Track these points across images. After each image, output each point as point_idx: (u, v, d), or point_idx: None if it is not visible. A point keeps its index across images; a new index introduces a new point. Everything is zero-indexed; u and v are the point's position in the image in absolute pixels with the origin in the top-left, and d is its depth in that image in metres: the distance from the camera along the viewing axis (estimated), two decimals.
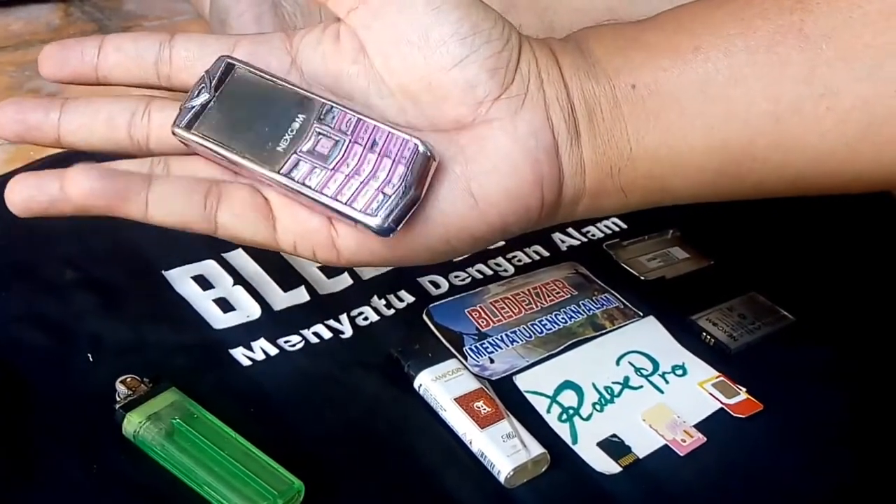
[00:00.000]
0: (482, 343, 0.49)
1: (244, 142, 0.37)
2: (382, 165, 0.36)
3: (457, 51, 0.36)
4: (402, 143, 0.36)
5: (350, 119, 0.37)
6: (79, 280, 0.49)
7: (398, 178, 0.36)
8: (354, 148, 0.36)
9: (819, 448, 0.45)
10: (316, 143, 0.36)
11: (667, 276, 0.55)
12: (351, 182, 0.36)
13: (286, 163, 0.36)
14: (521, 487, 0.41)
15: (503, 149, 0.37)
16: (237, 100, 0.37)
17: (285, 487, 0.38)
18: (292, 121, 0.37)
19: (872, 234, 0.61)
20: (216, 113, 0.37)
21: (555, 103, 0.37)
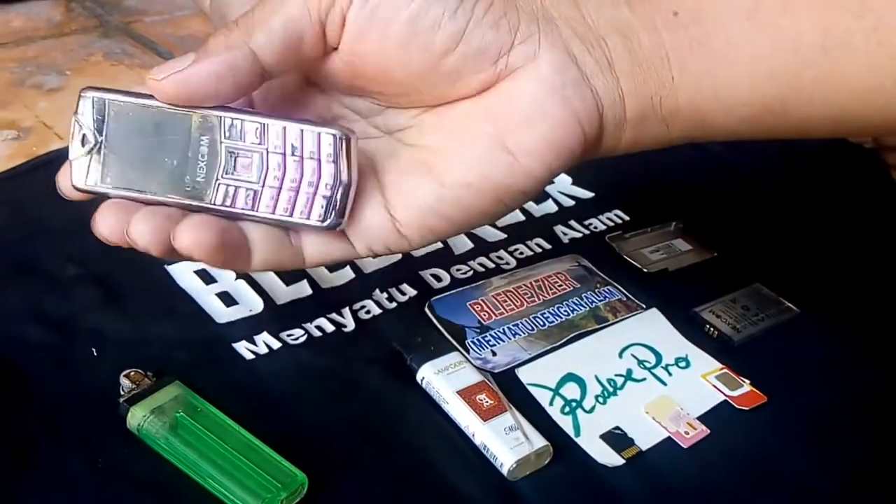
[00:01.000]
0: (484, 336, 0.49)
1: (159, 181, 0.35)
2: (310, 168, 0.35)
3: (454, 27, 0.35)
4: (319, 138, 0.35)
5: (256, 128, 0.35)
6: (81, 275, 0.50)
7: (330, 176, 0.35)
8: (274, 158, 0.35)
9: (823, 440, 0.45)
10: (234, 164, 0.35)
11: (670, 268, 0.55)
12: (284, 194, 0.35)
13: (215, 193, 0.35)
14: (523, 480, 0.41)
15: (529, 96, 0.36)
16: (128, 136, 0.35)
17: (288, 480, 0.38)
18: (198, 145, 0.35)
19: (877, 226, 0.61)
20: (113, 157, 0.35)
21: (572, 36, 0.36)
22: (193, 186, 0.35)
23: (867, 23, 0.34)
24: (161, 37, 0.84)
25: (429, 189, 0.38)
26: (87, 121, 0.35)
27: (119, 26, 0.85)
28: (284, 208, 0.36)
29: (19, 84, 0.73)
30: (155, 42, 0.82)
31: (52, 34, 0.82)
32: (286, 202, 0.36)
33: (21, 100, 0.70)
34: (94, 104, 0.35)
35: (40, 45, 0.80)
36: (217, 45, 0.35)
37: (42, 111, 0.69)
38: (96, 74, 0.75)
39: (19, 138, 0.65)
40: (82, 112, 0.35)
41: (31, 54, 0.78)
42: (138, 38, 0.83)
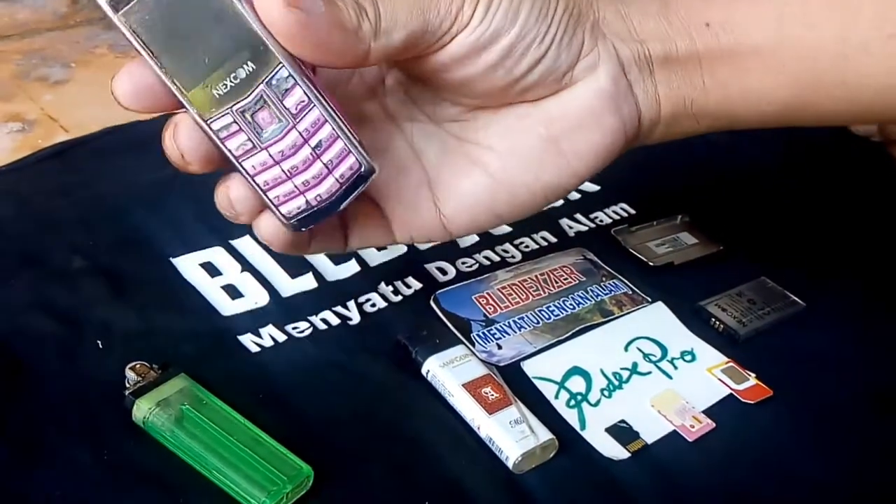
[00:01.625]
0: (490, 329, 0.49)
1: (177, 61, 0.33)
2: (315, 171, 0.35)
3: (539, 53, 0.37)
4: (344, 155, 0.34)
5: (301, 100, 0.34)
6: (87, 268, 0.50)
7: (326, 191, 0.35)
8: (295, 137, 0.34)
9: (828, 434, 0.45)
10: (257, 109, 0.34)
11: (675, 261, 0.55)
12: (277, 169, 0.34)
13: (218, 114, 0.33)
14: (529, 473, 0.41)
15: (587, 104, 0.39)
16: (183, 7, 0.32)
17: (294, 472, 0.38)
18: (239, 64, 0.33)
19: (883, 219, 0.61)
20: (150, 4, 0.32)
21: (624, 47, 0.39)
22: (204, 94, 0.33)
23: (885, 30, 0.37)
24: None
25: (482, 187, 0.40)
26: None
27: None
28: (265, 181, 0.35)
29: (24, 76, 0.73)
30: None
31: (57, 26, 0.82)
32: (271, 178, 0.35)
33: (26, 92, 0.70)
34: None
35: (45, 37, 0.80)
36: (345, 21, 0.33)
37: (47, 104, 0.69)
38: (102, 67, 0.75)
39: (24, 131, 0.65)
40: None
41: (36, 46, 0.78)
42: None
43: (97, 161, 0.60)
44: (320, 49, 0.33)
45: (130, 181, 0.57)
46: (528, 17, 0.36)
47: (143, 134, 0.62)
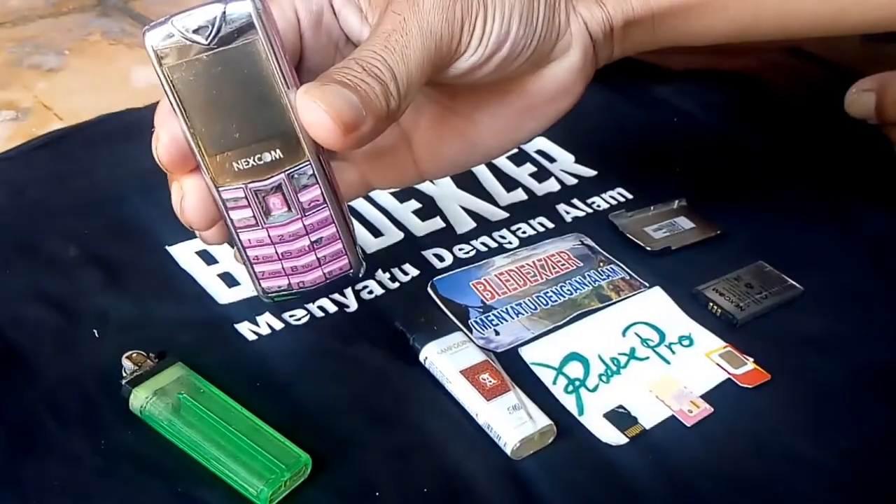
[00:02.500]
0: (487, 315, 0.48)
1: (207, 125, 0.33)
2: (307, 261, 0.35)
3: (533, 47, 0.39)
4: (339, 255, 0.35)
5: (316, 199, 0.35)
6: (82, 256, 0.49)
7: (310, 281, 0.36)
8: (298, 227, 0.35)
9: (826, 418, 0.45)
10: (271, 192, 0.34)
11: (673, 246, 0.55)
12: (271, 249, 0.35)
13: (231, 186, 0.34)
14: (527, 459, 0.41)
15: (561, 79, 0.41)
16: (231, 70, 0.32)
17: (292, 461, 0.38)
18: (267, 148, 0.33)
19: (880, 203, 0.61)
20: (199, 65, 0.32)
21: (592, 21, 0.41)
22: (224, 162, 0.34)
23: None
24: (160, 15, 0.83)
25: (459, 152, 0.43)
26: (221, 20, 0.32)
27: (117, 5, 0.85)
28: (256, 256, 0.36)
29: (17, 64, 0.72)
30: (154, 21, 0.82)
31: (49, 14, 0.82)
32: (263, 255, 0.36)
33: (20, 80, 0.70)
34: (243, 17, 0.32)
35: (38, 24, 0.79)
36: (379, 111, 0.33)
37: (41, 91, 0.69)
38: (95, 54, 0.75)
39: (18, 119, 0.65)
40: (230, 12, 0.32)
41: (29, 34, 0.77)
42: (137, 17, 0.82)
43: (92, 149, 0.59)
44: (360, 142, 0.34)
45: (125, 169, 0.57)
46: (518, 29, 0.38)
47: (137, 121, 0.62)
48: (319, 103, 0.32)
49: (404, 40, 0.34)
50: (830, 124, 0.66)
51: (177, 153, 0.34)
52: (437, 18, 0.35)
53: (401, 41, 0.34)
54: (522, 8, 0.38)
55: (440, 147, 0.43)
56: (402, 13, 0.35)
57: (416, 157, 0.43)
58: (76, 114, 0.64)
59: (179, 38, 0.32)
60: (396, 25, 0.35)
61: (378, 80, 0.33)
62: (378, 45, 0.34)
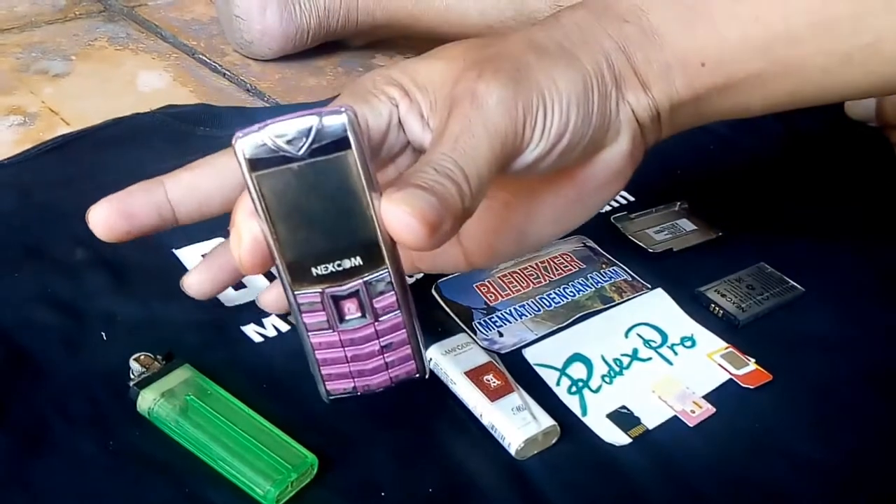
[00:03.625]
0: (491, 317, 0.49)
1: (291, 232, 0.33)
2: (374, 366, 0.36)
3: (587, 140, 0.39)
4: (407, 360, 0.36)
5: (391, 305, 0.35)
6: (90, 259, 0.50)
7: (376, 384, 0.37)
8: (370, 332, 0.35)
9: (828, 418, 0.45)
10: (346, 298, 0.34)
11: (675, 247, 0.55)
12: (340, 352, 0.36)
13: (308, 291, 0.34)
14: (531, 459, 0.41)
15: (612, 166, 0.42)
16: (320, 181, 0.32)
17: (299, 461, 0.39)
18: (348, 255, 0.34)
19: (881, 204, 0.61)
20: (289, 175, 0.32)
21: (640, 108, 0.41)
22: (303, 269, 0.34)
23: (863, 39, 0.39)
24: (165, 21, 0.84)
25: (510, 244, 0.44)
26: (315, 132, 0.32)
27: (123, 11, 0.85)
28: (325, 358, 0.36)
29: (25, 69, 0.73)
30: (159, 26, 0.82)
31: (56, 19, 0.82)
32: (331, 357, 0.36)
33: (27, 85, 0.71)
34: (337, 131, 0.32)
35: (45, 30, 0.80)
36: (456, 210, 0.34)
37: (48, 97, 0.69)
38: (101, 59, 0.76)
39: (25, 124, 0.66)
40: (326, 124, 0.32)
41: (35, 39, 0.78)
42: (142, 23, 0.83)
43: (99, 153, 0.60)
44: (441, 241, 0.34)
45: (132, 173, 0.57)
46: (576, 119, 0.38)
47: (144, 125, 0.63)
48: (404, 207, 0.32)
49: (472, 141, 0.35)
50: (831, 126, 0.67)
51: (259, 256, 0.35)
52: (501, 117, 0.36)
53: (469, 142, 0.35)
54: (579, 99, 0.38)
55: (490, 240, 0.44)
56: (467, 115, 0.36)
57: (465, 250, 0.44)
58: (83, 118, 0.65)
59: (271, 146, 0.32)
60: (464, 127, 0.35)
61: (452, 181, 0.34)
62: (448, 147, 0.35)
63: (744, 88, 0.41)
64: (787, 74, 0.41)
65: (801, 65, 0.40)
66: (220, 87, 0.73)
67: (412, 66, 0.39)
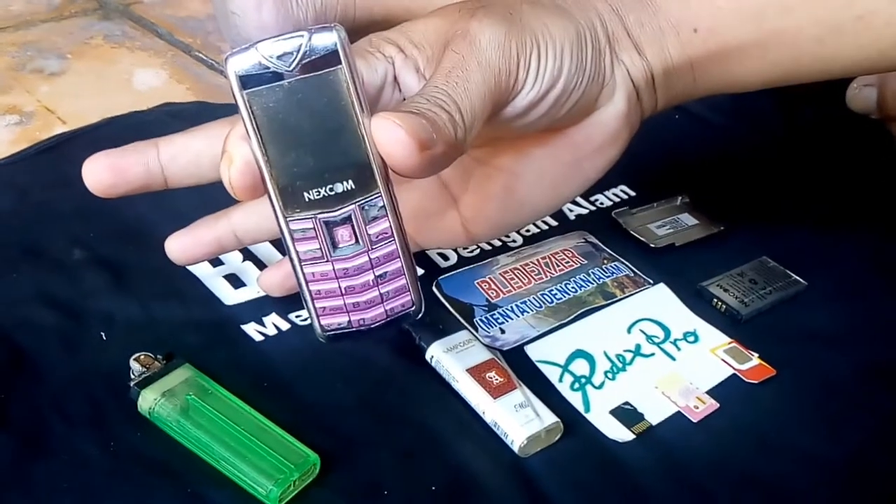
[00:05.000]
0: (493, 314, 0.49)
1: (281, 154, 0.33)
2: (370, 297, 0.35)
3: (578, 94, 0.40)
4: (402, 292, 0.35)
5: (385, 232, 0.34)
6: (88, 259, 0.50)
7: (371, 318, 0.35)
8: (364, 261, 0.35)
9: (832, 413, 0.45)
10: (339, 225, 0.34)
11: (676, 242, 0.55)
12: (334, 283, 0.35)
13: (300, 217, 0.34)
14: (534, 456, 0.41)
15: (608, 128, 0.42)
16: (311, 98, 0.33)
17: (300, 460, 0.38)
18: (340, 179, 0.33)
19: (883, 197, 0.61)
20: (280, 92, 0.32)
21: (634, 68, 0.42)
22: (295, 194, 0.33)
23: (853, 12, 0.40)
24: (161, 18, 0.83)
25: (507, 212, 0.45)
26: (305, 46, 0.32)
27: (118, 8, 0.85)
28: (318, 290, 0.35)
29: (20, 68, 0.73)
30: (155, 24, 0.82)
31: (51, 17, 0.82)
32: (325, 290, 0.35)
33: (22, 84, 0.70)
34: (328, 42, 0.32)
35: (40, 28, 0.79)
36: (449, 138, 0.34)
37: (44, 95, 0.69)
38: (97, 57, 0.75)
39: (22, 123, 0.65)
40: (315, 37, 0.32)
41: (31, 38, 0.77)
42: (138, 21, 0.83)
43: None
44: (431, 165, 0.34)
45: None
46: (570, 66, 0.39)
47: (141, 123, 0.63)
48: (395, 120, 0.32)
49: (465, 75, 0.35)
50: (832, 119, 0.66)
51: (249, 179, 0.34)
52: (495, 54, 0.36)
53: (462, 76, 0.35)
54: (572, 47, 0.39)
55: (488, 208, 0.44)
56: (460, 52, 0.36)
57: (464, 220, 0.45)
58: (79, 117, 0.65)
59: (263, 63, 0.32)
60: (456, 62, 0.36)
61: (444, 110, 0.34)
62: (440, 80, 0.35)
63: (737, 58, 0.42)
64: (780, 44, 0.41)
65: (793, 34, 0.41)
66: (217, 85, 0.73)
67: (408, 25, 0.39)
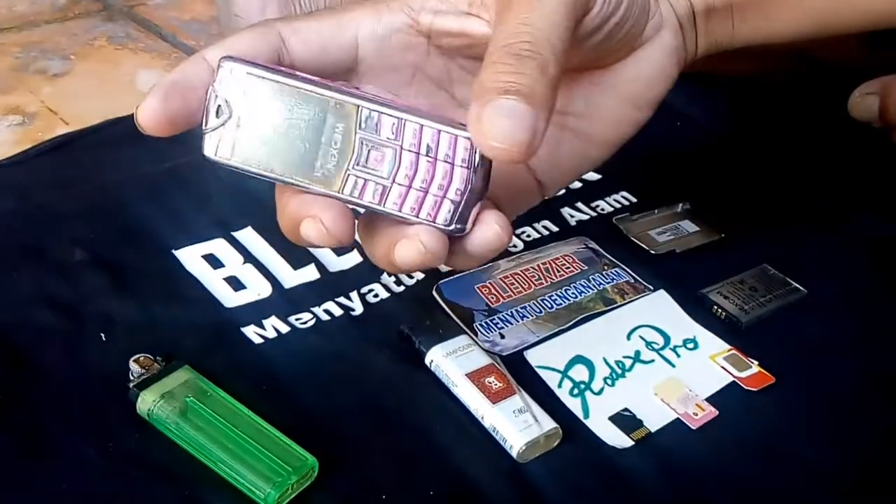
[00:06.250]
0: (492, 319, 0.49)
1: (289, 162, 0.34)
2: (442, 171, 0.34)
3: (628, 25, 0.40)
4: (454, 142, 0.34)
5: (393, 123, 0.34)
6: (89, 260, 0.50)
7: (461, 181, 0.34)
8: (407, 156, 0.34)
9: (831, 421, 0.45)
10: (367, 157, 0.34)
11: (677, 249, 0.55)
12: (413, 193, 0.34)
13: (344, 183, 0.34)
14: (533, 462, 0.41)
15: (657, 63, 0.42)
16: (262, 113, 0.34)
17: (299, 464, 0.38)
18: (332, 132, 0.34)
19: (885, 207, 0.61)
20: (245, 132, 0.34)
21: (678, 3, 0.43)
22: (323, 172, 0.34)
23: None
24: (165, 20, 0.84)
25: (576, 152, 0.43)
26: (223, 92, 0.33)
27: (122, 10, 0.85)
28: (412, 207, 0.35)
29: (24, 69, 0.73)
30: (159, 26, 0.82)
31: (55, 18, 0.82)
32: (414, 201, 0.34)
33: (26, 85, 0.70)
34: (232, 75, 0.33)
35: (44, 29, 0.80)
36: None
37: (47, 96, 0.69)
38: (101, 59, 0.75)
39: (24, 124, 0.65)
40: (219, 81, 0.33)
41: (34, 39, 0.78)
42: (142, 22, 0.83)
43: (98, 153, 0.60)
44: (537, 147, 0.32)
45: (131, 173, 0.57)
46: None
47: None
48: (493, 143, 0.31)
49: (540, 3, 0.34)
50: (834, 128, 0.66)
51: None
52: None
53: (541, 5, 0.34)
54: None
55: (558, 152, 0.42)
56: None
57: (535, 170, 0.42)
58: (82, 118, 0.65)
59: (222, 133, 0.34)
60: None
61: (532, 57, 0.32)
62: (519, 17, 0.33)
63: (774, 5, 0.43)
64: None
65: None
66: None
67: None
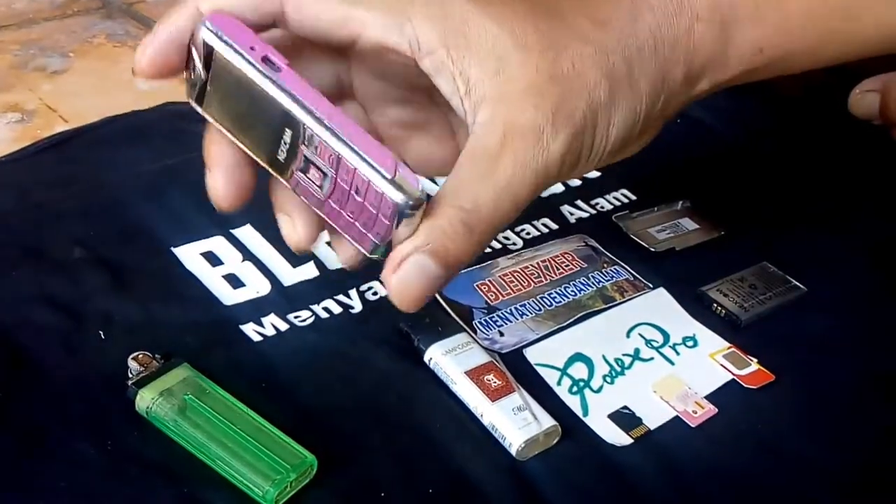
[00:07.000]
0: (492, 317, 0.49)
1: (250, 136, 0.35)
2: (367, 214, 0.34)
3: None
4: (380, 196, 0.34)
5: (332, 155, 0.34)
6: (88, 258, 0.50)
7: (383, 229, 0.34)
8: (341, 187, 0.34)
9: (830, 419, 0.45)
10: (307, 168, 0.34)
11: (677, 247, 0.55)
12: (343, 215, 0.35)
13: (290, 178, 0.35)
14: (532, 460, 0.41)
15: None
16: (228, 85, 0.34)
17: (298, 461, 0.38)
18: (282, 131, 0.34)
19: (885, 204, 0.61)
20: (215, 94, 0.34)
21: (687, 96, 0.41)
22: (276, 161, 0.35)
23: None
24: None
25: None
26: (196, 54, 0.33)
27: (121, 7, 0.85)
28: (340, 226, 0.35)
29: (22, 66, 0.73)
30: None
31: (54, 16, 0.82)
32: (344, 223, 0.35)
33: (24, 82, 0.70)
34: (207, 41, 0.33)
35: (43, 26, 0.80)
36: None
37: (46, 94, 0.69)
38: (100, 56, 0.75)
39: (23, 121, 0.65)
40: (195, 42, 0.33)
41: (34, 36, 0.78)
42: (141, 20, 0.83)
43: (97, 151, 0.60)
44: None
45: (130, 171, 0.57)
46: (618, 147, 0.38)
47: (142, 123, 0.63)
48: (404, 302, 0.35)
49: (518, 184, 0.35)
50: (834, 125, 0.66)
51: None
52: (555, 164, 0.35)
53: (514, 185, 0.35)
54: (627, 135, 0.38)
55: None
56: (524, 162, 0.35)
57: None
58: (81, 116, 0.65)
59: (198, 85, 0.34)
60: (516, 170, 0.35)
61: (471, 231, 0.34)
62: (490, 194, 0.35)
63: (788, 64, 0.42)
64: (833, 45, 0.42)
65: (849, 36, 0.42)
66: None
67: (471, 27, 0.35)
